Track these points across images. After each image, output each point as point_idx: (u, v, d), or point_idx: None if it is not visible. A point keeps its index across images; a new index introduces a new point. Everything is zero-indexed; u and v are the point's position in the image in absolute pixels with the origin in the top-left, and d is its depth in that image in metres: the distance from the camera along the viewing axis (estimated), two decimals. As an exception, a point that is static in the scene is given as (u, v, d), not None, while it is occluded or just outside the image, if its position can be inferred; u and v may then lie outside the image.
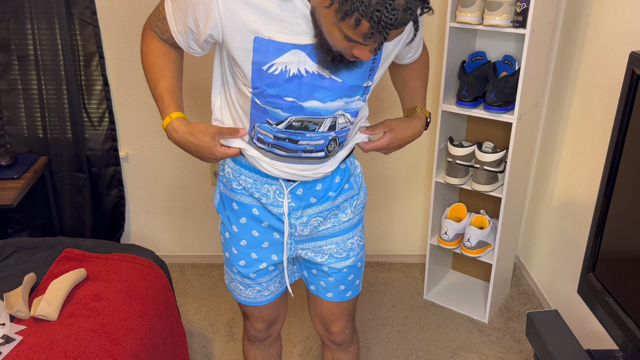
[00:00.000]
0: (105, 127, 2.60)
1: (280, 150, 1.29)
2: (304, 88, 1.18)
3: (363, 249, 1.53)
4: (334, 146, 1.32)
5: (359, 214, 1.49)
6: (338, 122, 1.26)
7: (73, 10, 2.38)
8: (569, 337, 1.37)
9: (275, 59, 1.14)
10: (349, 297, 1.54)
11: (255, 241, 1.44)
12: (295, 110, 1.21)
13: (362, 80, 1.21)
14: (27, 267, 1.88)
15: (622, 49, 1.89)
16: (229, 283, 1.56)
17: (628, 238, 1.30)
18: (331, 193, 1.42)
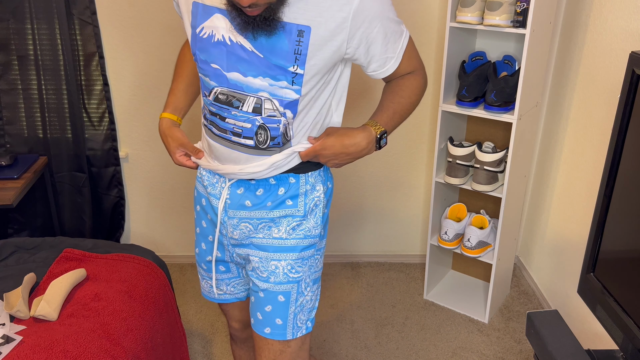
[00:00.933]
0: (105, 127, 2.60)
1: (214, 128, 1.30)
2: (228, 57, 1.20)
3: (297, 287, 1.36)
4: (265, 137, 1.26)
5: (296, 240, 1.35)
6: (264, 107, 1.22)
7: (73, 10, 2.38)
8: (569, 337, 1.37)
9: (204, 22, 1.21)
10: (267, 333, 1.38)
11: (203, 232, 1.47)
12: (221, 80, 1.23)
13: (287, 63, 1.16)
14: (27, 267, 1.88)
15: (622, 49, 1.89)
16: None
17: (628, 238, 1.30)
18: (269, 203, 1.33)
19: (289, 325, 1.38)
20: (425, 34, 2.45)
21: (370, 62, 1.26)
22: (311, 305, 1.41)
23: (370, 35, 1.19)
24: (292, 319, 1.38)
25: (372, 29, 1.19)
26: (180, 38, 2.45)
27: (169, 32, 2.45)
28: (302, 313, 1.39)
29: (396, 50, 1.26)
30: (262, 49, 1.17)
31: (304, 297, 1.38)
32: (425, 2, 2.40)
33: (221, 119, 1.27)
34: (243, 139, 1.26)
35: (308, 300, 1.40)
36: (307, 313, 1.40)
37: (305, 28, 1.15)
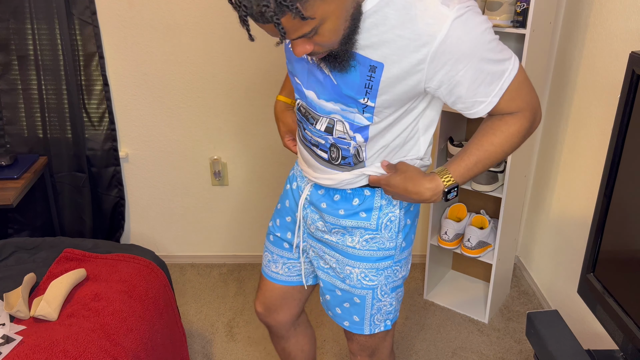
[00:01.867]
0: (105, 127, 2.60)
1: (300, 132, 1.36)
2: (308, 76, 1.20)
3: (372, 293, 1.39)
4: (337, 155, 1.27)
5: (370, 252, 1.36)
6: (336, 128, 1.22)
7: (73, 10, 2.38)
8: (569, 337, 1.37)
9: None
10: (346, 326, 1.46)
11: (284, 210, 1.52)
12: (301, 95, 1.27)
13: (358, 95, 1.15)
14: (27, 267, 1.88)
15: (622, 49, 1.89)
16: None
17: (628, 238, 1.30)
18: (341, 211, 1.35)
19: (366, 322, 1.43)
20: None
21: (456, 103, 1.16)
22: (391, 309, 1.44)
23: (454, 77, 1.09)
24: (369, 317, 1.42)
25: (458, 71, 1.08)
26: (180, 38, 2.45)
27: (169, 32, 2.45)
28: (379, 314, 1.43)
29: (490, 93, 1.13)
30: (336, 77, 1.15)
31: (380, 302, 1.40)
32: (425, 2, 2.39)
33: (303, 129, 1.32)
34: (319, 150, 1.30)
35: (386, 304, 1.42)
36: (386, 315, 1.44)
37: (378, 64, 1.10)
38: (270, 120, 2.61)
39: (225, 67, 2.51)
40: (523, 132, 1.20)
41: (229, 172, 2.73)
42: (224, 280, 2.77)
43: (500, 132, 1.19)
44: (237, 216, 2.82)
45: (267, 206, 2.79)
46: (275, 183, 2.74)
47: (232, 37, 2.45)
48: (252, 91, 2.56)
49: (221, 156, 2.69)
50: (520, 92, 1.16)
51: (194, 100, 2.57)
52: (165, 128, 2.63)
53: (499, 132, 1.19)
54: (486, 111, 1.17)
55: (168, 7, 2.40)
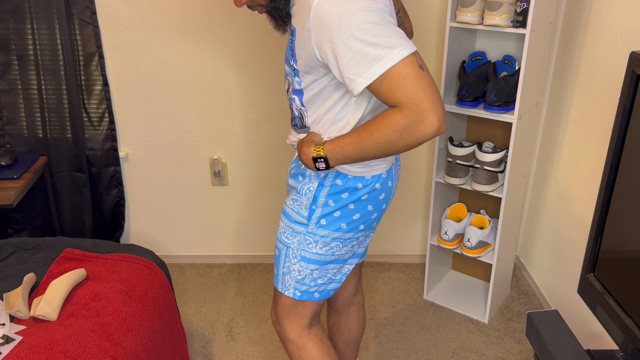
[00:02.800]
0: (105, 127, 2.60)
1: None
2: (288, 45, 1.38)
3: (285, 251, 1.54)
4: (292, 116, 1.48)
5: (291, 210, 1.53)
6: (288, 89, 1.45)
7: (73, 10, 2.38)
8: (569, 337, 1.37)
9: None
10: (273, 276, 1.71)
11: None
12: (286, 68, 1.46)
13: (290, 57, 1.35)
14: (27, 267, 1.88)
15: (622, 49, 1.89)
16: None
17: (628, 238, 1.30)
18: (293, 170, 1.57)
19: (279, 278, 1.58)
20: (425, 34, 2.45)
21: (339, 77, 1.24)
22: (300, 278, 1.55)
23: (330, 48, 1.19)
24: (281, 275, 1.58)
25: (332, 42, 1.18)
26: (180, 38, 2.45)
27: (169, 32, 2.45)
28: (289, 276, 1.56)
29: (361, 74, 1.18)
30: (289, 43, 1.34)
31: (290, 263, 1.54)
32: (425, 2, 2.40)
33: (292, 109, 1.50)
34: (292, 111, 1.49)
35: (294, 269, 1.54)
36: (294, 282, 1.56)
37: (294, 29, 1.31)
38: (270, 121, 2.61)
39: (225, 67, 2.51)
40: (397, 127, 1.19)
41: (229, 172, 2.73)
42: (224, 280, 2.77)
43: (376, 121, 1.23)
44: (237, 216, 2.82)
45: (267, 206, 2.79)
46: (276, 183, 2.74)
47: (232, 37, 2.45)
48: (252, 91, 2.56)
49: (221, 156, 2.69)
50: (402, 86, 1.16)
51: (194, 100, 2.57)
52: (165, 128, 2.63)
53: (376, 121, 1.23)
54: (358, 90, 1.21)
55: (168, 7, 2.40)
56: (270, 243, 2.88)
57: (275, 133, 2.63)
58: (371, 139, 1.24)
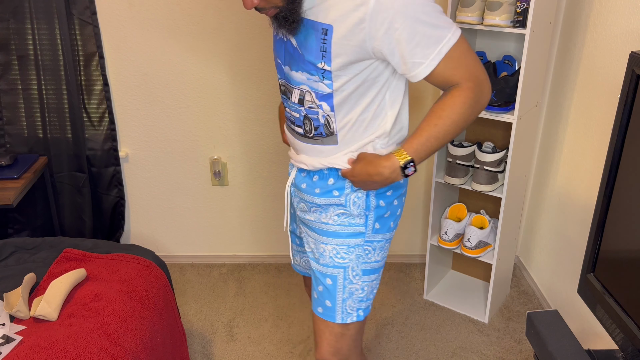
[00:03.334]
0: (105, 127, 2.60)
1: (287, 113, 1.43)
2: (285, 52, 1.32)
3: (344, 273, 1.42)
4: (310, 127, 1.36)
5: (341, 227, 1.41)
6: (306, 99, 1.32)
7: (73, 10, 2.38)
8: (569, 337, 1.37)
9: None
10: (319, 313, 1.46)
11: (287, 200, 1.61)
12: (280, 72, 1.37)
13: (316, 59, 1.25)
14: (27, 267, 1.88)
15: (622, 49, 1.89)
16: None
17: (628, 238, 1.30)
18: (317, 190, 1.42)
19: (338, 309, 1.43)
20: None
21: (399, 65, 1.23)
22: (363, 295, 1.45)
23: (393, 35, 1.17)
24: (341, 303, 1.43)
25: (395, 30, 1.16)
26: (180, 38, 2.45)
27: (169, 32, 2.45)
28: (351, 300, 1.44)
29: (428, 56, 1.20)
30: (300, 46, 1.26)
31: (352, 284, 1.43)
32: (425, 2, 2.40)
33: (285, 108, 1.42)
34: (296, 127, 1.40)
35: (357, 289, 1.43)
36: (358, 302, 1.44)
37: (328, 27, 1.21)
38: (270, 121, 2.61)
39: (225, 67, 2.51)
40: (469, 102, 1.25)
41: (229, 172, 2.73)
42: (224, 280, 2.77)
43: (447, 106, 1.25)
44: (237, 216, 2.82)
45: (267, 206, 2.79)
46: (275, 183, 2.74)
47: (232, 37, 2.45)
48: (252, 91, 2.56)
49: (221, 156, 2.69)
50: (462, 61, 1.23)
51: (194, 100, 2.57)
52: (165, 128, 2.63)
53: (446, 105, 1.26)
54: (426, 73, 1.23)
55: (168, 7, 2.40)
56: (270, 243, 2.88)
57: (275, 133, 2.63)
58: (450, 123, 1.26)
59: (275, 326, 2.44)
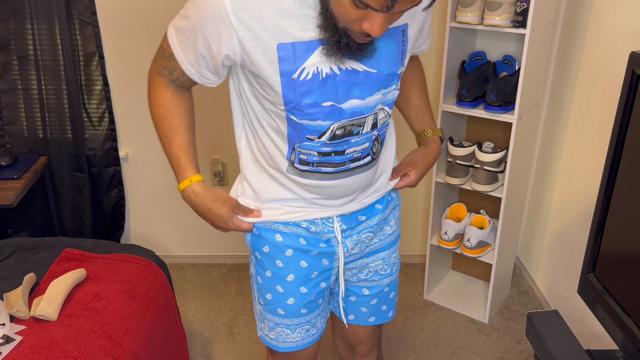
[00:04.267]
0: (105, 127, 2.60)
1: (327, 167, 1.18)
2: (340, 88, 1.08)
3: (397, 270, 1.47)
4: (377, 146, 1.23)
5: (399, 224, 1.44)
6: (379, 118, 1.18)
7: (73, 10, 2.38)
8: (569, 337, 1.37)
9: (305, 61, 1.04)
10: (372, 322, 1.47)
11: (304, 273, 1.31)
12: (336, 116, 1.11)
13: (397, 67, 1.14)
14: (27, 267, 1.88)
15: (622, 49, 1.89)
16: (268, 332, 1.38)
17: (628, 238, 1.30)
18: (378, 206, 1.35)
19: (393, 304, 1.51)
20: (425, 34, 2.45)
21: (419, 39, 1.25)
22: None
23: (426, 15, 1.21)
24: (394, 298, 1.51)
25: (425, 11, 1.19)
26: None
27: (169, 32, 2.45)
28: None
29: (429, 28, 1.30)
30: (373, 65, 1.09)
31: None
32: (425, 2, 2.40)
33: (338, 154, 1.17)
34: (362, 160, 1.20)
35: None
36: None
37: (405, 26, 1.13)
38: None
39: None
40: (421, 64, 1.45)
41: (229, 172, 2.73)
42: (224, 280, 2.77)
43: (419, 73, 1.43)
44: (237, 216, 2.82)
45: (267, 206, 2.79)
46: (275, 183, 2.74)
47: (232, 37, 2.45)
48: (252, 91, 2.56)
49: (221, 156, 2.69)
50: None
51: (194, 100, 2.57)
52: (165, 128, 2.63)
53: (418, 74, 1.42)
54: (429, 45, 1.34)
55: (168, 7, 2.40)
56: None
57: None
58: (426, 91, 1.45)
59: (275, 326, 2.44)
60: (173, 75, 1.18)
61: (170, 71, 1.18)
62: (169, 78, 1.20)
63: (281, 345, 1.39)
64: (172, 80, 1.20)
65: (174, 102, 1.23)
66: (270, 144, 1.19)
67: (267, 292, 1.34)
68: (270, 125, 1.17)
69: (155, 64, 1.20)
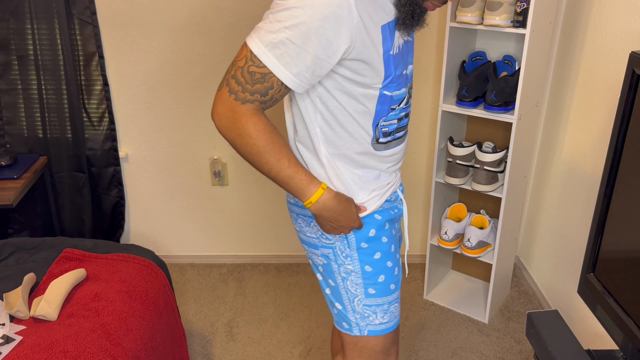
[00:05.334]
0: (105, 127, 2.60)
1: (400, 132, 1.34)
2: (405, 56, 1.26)
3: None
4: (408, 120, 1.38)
5: None
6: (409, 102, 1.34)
7: (73, 10, 2.38)
8: (569, 337, 1.37)
9: (394, 38, 1.20)
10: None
11: (395, 241, 1.44)
12: (407, 81, 1.29)
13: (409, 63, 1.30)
14: (27, 267, 1.88)
15: (622, 49, 1.89)
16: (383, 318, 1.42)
17: (628, 238, 1.30)
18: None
19: None
20: (425, 34, 2.45)
21: None
22: None
23: None
24: None
25: None
26: (180, 38, 2.45)
27: (169, 32, 2.45)
28: None
29: None
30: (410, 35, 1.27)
31: None
32: (425, 2, 2.40)
33: (407, 116, 1.35)
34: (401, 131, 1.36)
35: None
36: None
37: None
38: (270, 120, 2.60)
39: (225, 67, 2.51)
40: None
41: (229, 172, 2.73)
42: (224, 280, 2.77)
43: None
44: (237, 216, 2.82)
45: (267, 206, 2.79)
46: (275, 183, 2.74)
47: (232, 36, 2.45)
48: (252, 91, 2.55)
49: (221, 156, 2.69)
50: None
51: (194, 100, 2.57)
52: (165, 128, 2.63)
53: None
54: None
55: (168, 7, 2.40)
56: (270, 243, 2.88)
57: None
58: None
59: (275, 326, 2.44)
60: (267, 96, 1.16)
61: (262, 93, 1.15)
62: (259, 102, 1.17)
63: (394, 322, 1.45)
64: (263, 102, 1.17)
65: (271, 126, 1.21)
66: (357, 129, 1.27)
67: (379, 275, 1.39)
68: (356, 111, 1.25)
69: (234, 92, 1.15)
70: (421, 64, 2.50)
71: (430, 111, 2.60)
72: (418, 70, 2.51)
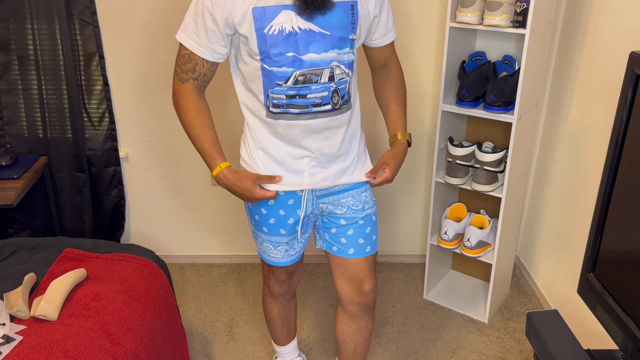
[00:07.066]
0: (105, 127, 2.60)
1: (294, 109, 1.49)
2: (300, 43, 1.42)
3: (375, 205, 1.71)
4: (338, 99, 1.52)
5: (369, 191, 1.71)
6: (335, 73, 1.49)
7: (73, 10, 2.38)
8: (569, 337, 1.37)
9: (272, 21, 1.39)
10: (368, 252, 1.69)
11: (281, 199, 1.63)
12: (297, 64, 1.44)
13: (347, 33, 1.46)
14: (27, 267, 1.88)
15: (622, 49, 1.89)
16: (259, 247, 1.75)
17: (628, 238, 1.30)
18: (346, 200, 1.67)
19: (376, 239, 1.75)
20: (425, 34, 2.46)
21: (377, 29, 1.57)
22: None
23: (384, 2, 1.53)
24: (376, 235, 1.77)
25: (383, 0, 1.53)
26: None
27: (169, 32, 2.45)
28: None
29: (393, 25, 1.62)
30: (327, 28, 1.43)
31: None
32: (425, 2, 2.40)
33: (302, 97, 1.49)
34: (322, 106, 1.51)
35: None
36: None
37: (354, 3, 1.45)
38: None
39: (224, 67, 2.51)
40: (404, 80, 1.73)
41: (229, 172, 2.73)
42: (224, 280, 2.77)
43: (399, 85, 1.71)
44: (237, 216, 2.82)
45: (267, 206, 2.79)
46: (275, 183, 2.74)
47: (232, 37, 2.45)
48: (252, 91, 2.56)
49: (221, 156, 2.69)
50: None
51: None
52: (165, 128, 2.63)
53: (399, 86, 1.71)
54: (392, 39, 1.63)
55: (168, 7, 2.40)
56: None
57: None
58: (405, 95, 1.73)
59: (275, 326, 2.44)
60: (195, 72, 1.49)
61: (192, 70, 1.49)
62: (192, 79, 1.50)
63: (266, 258, 1.75)
64: (196, 79, 1.50)
65: (201, 106, 1.53)
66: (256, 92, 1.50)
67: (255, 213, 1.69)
68: (253, 75, 1.48)
69: (177, 75, 1.51)
70: (421, 64, 2.51)
71: (430, 111, 2.61)
72: (418, 70, 2.52)
